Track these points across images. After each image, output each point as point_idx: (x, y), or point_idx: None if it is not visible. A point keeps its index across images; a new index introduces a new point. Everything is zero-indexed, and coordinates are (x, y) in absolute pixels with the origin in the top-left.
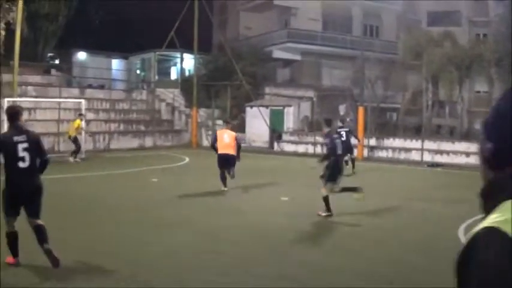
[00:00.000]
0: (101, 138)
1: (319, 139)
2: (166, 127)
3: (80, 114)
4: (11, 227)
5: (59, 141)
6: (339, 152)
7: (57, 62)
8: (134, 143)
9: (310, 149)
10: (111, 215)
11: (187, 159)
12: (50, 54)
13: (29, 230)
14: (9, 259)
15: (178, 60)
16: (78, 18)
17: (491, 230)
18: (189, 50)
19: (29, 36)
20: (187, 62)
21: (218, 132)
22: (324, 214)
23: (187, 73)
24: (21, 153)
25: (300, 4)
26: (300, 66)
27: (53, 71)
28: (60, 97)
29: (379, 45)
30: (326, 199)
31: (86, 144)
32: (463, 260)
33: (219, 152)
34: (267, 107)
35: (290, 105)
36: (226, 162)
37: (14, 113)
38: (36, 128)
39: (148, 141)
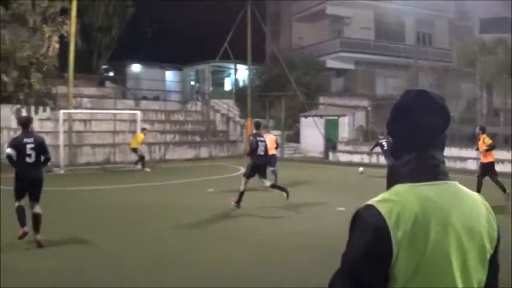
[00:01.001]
0: (157, 149)
1: (376, 149)
2: (221, 138)
3: (143, 129)
4: (19, 204)
5: (115, 152)
6: (260, 152)
7: (111, 74)
8: (190, 153)
9: (366, 158)
10: (167, 225)
11: (242, 170)
12: (104, 67)
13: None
14: (19, 232)
15: (232, 71)
16: (132, 31)
17: (368, 206)
18: (243, 60)
19: (83, 49)
20: (241, 73)
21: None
22: (233, 203)
23: (241, 84)
24: (28, 152)
25: (352, 13)
26: (354, 75)
27: (108, 83)
28: (115, 109)
29: (432, 53)
30: (242, 193)
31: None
32: (350, 225)
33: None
34: (321, 116)
35: (345, 115)
36: (268, 164)
37: (25, 122)
38: (91, 139)
39: (204, 152)
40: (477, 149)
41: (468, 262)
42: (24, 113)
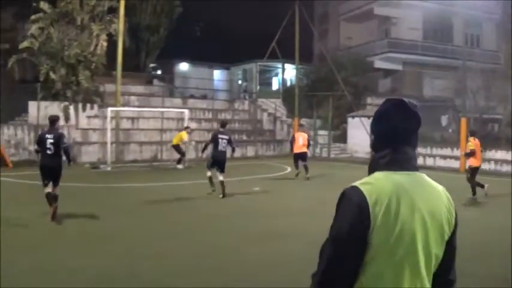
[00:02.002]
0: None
1: (422, 150)
2: (268, 137)
3: (187, 128)
4: (46, 190)
5: (162, 150)
6: (221, 148)
7: (159, 72)
8: (236, 152)
9: None
10: (214, 224)
11: (288, 169)
12: (152, 65)
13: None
14: (51, 211)
15: (280, 70)
16: (180, 30)
17: (353, 187)
18: (291, 60)
19: (131, 48)
20: (289, 72)
21: (296, 135)
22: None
23: (288, 83)
24: (48, 145)
25: (400, 13)
26: (401, 76)
27: (155, 82)
28: (162, 107)
29: (480, 55)
30: (209, 179)
31: (189, 153)
32: (338, 202)
33: (295, 151)
34: (368, 117)
35: None
36: (300, 159)
37: (53, 120)
38: (138, 137)
39: (250, 151)
40: (465, 154)
41: (429, 238)
42: (72, 110)
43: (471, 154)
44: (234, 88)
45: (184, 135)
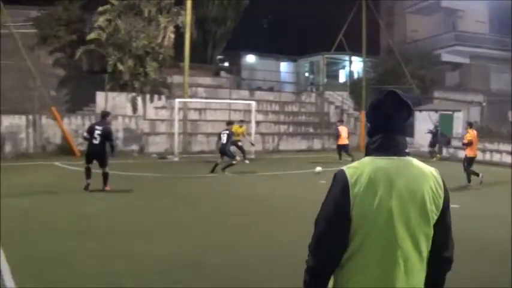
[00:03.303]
0: (270, 139)
1: (489, 145)
2: (335, 130)
3: (241, 121)
4: (86, 165)
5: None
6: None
7: (226, 64)
8: (303, 144)
9: (480, 155)
10: (278, 216)
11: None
12: (219, 57)
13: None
14: (85, 183)
15: (347, 63)
16: (247, 22)
17: (340, 170)
18: (358, 53)
19: (199, 40)
20: (356, 65)
21: (340, 128)
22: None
23: (355, 76)
24: (95, 136)
25: (467, 6)
26: (468, 69)
27: (223, 73)
28: (230, 98)
29: None
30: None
31: (256, 145)
32: (331, 184)
33: (339, 143)
34: (436, 111)
35: (459, 110)
36: (343, 149)
37: (104, 114)
38: (206, 128)
39: (317, 144)
40: (463, 144)
41: (410, 215)
42: (139, 101)
43: (469, 144)
44: (301, 80)
45: (238, 128)
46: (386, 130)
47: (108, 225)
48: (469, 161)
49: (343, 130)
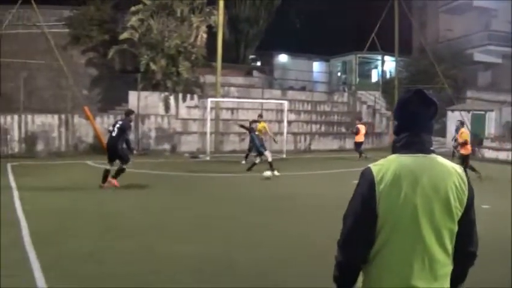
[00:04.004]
0: (302, 138)
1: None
2: (367, 129)
3: (260, 116)
4: (106, 167)
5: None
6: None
7: (258, 64)
8: (334, 144)
9: None
10: (309, 214)
11: None
12: (251, 57)
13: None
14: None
15: (379, 62)
16: (279, 22)
17: (367, 168)
18: (390, 52)
19: (231, 39)
20: (388, 65)
21: (359, 126)
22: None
23: (388, 75)
24: (114, 129)
25: (499, 5)
26: (501, 69)
27: (255, 73)
28: (262, 98)
29: None
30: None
31: (287, 144)
32: (358, 181)
33: (357, 140)
34: (468, 111)
35: (492, 110)
36: (360, 147)
37: (127, 112)
38: (238, 128)
39: (349, 143)
40: (455, 141)
41: (434, 211)
42: (172, 101)
43: (466, 143)
44: (333, 80)
45: (260, 125)
46: (412, 128)
47: (138, 223)
48: (465, 159)
49: (362, 128)
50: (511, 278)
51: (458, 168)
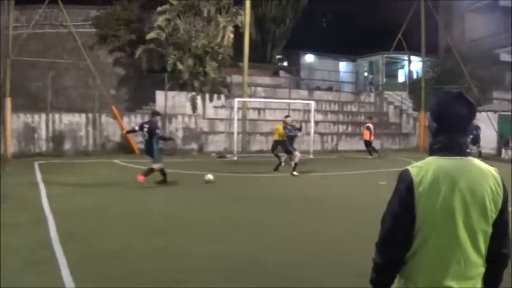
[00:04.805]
0: (329, 139)
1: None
2: (393, 130)
3: (287, 116)
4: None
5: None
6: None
7: (285, 64)
8: (362, 145)
9: None
10: (336, 214)
11: (413, 163)
12: (278, 57)
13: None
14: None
15: (406, 63)
16: (306, 22)
17: (405, 169)
18: (416, 52)
19: (258, 39)
20: (415, 65)
21: (371, 125)
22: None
23: (414, 76)
24: (144, 133)
25: None
26: None
27: (282, 73)
28: (289, 98)
29: None
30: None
31: (314, 145)
32: (396, 181)
33: (369, 139)
34: (495, 112)
35: None
36: (369, 145)
37: (153, 113)
38: (264, 128)
39: (376, 144)
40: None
41: (470, 213)
42: (199, 100)
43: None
44: (360, 80)
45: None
46: (451, 131)
47: (165, 222)
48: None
49: (371, 127)
50: (511, 278)
51: (494, 171)
